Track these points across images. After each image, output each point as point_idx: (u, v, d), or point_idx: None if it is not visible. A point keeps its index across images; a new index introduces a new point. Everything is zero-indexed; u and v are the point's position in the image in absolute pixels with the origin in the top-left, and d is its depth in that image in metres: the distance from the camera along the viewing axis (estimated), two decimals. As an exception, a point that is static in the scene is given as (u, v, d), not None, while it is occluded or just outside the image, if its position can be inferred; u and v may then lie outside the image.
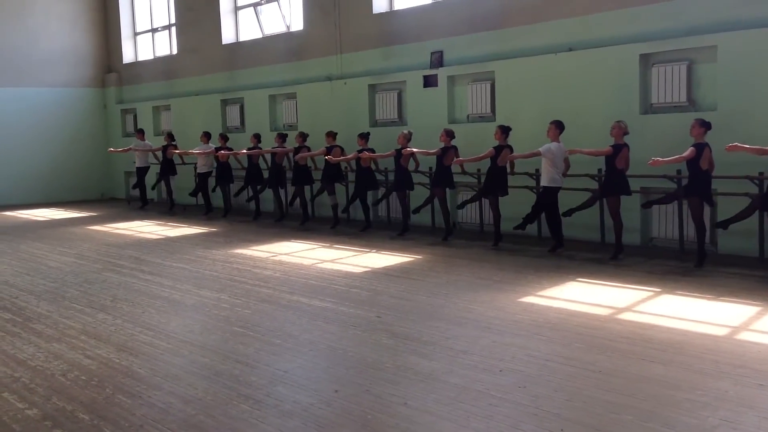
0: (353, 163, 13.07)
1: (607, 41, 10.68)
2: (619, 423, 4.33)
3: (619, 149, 9.41)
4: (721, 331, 6.15)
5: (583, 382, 5.02)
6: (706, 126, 8.72)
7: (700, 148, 8.63)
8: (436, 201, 11.75)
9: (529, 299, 7.52)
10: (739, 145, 8.14)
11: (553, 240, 10.22)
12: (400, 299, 7.68)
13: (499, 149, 10.51)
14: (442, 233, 11.71)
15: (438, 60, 13.01)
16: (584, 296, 7.57)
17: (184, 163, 17.65)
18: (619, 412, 4.47)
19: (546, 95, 11.32)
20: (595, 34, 10.84)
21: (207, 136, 16.11)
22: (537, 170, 10.69)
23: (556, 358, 5.59)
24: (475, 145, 11.47)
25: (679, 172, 9.43)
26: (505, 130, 10.55)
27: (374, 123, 14.22)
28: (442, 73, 12.88)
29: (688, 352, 5.61)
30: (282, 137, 14.35)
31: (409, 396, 4.86)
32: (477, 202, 11.51)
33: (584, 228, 10.48)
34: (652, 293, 7.62)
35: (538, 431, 4.25)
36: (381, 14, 14.16)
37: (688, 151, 8.62)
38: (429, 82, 13.08)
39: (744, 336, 6.03)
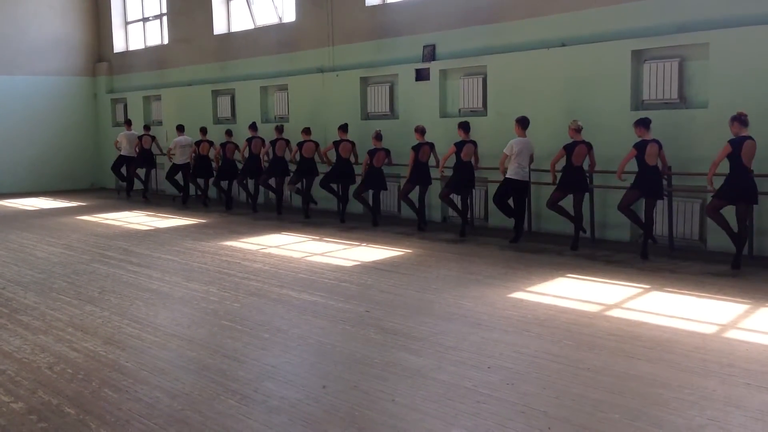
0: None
1: (599, 37, 10.67)
2: (606, 421, 4.32)
3: (572, 147, 9.80)
4: (709, 329, 6.16)
5: (571, 380, 5.01)
6: (645, 124, 9.10)
7: (643, 144, 9.03)
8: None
9: (519, 295, 7.51)
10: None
11: (515, 231, 10.55)
12: (390, 294, 7.66)
13: (460, 145, 10.99)
14: (429, 226, 11.79)
15: (430, 53, 12.96)
16: (573, 292, 7.58)
17: (162, 153, 17.87)
18: (607, 411, 4.47)
19: (538, 90, 11.31)
20: (588, 30, 10.83)
21: (180, 129, 16.47)
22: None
23: (544, 355, 5.58)
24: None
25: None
26: (463, 126, 11.05)
27: (366, 116, 14.17)
28: (434, 67, 12.85)
29: (676, 350, 5.61)
30: (279, 130, 14.30)
31: (397, 392, 4.84)
32: (468, 197, 11.52)
33: (569, 223, 10.45)
34: (641, 290, 7.62)
35: (526, 429, 4.24)
36: (374, 6, 14.10)
37: (630, 152, 9.15)
38: (421, 75, 13.05)
39: (732, 334, 6.04)
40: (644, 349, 5.64)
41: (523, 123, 10.44)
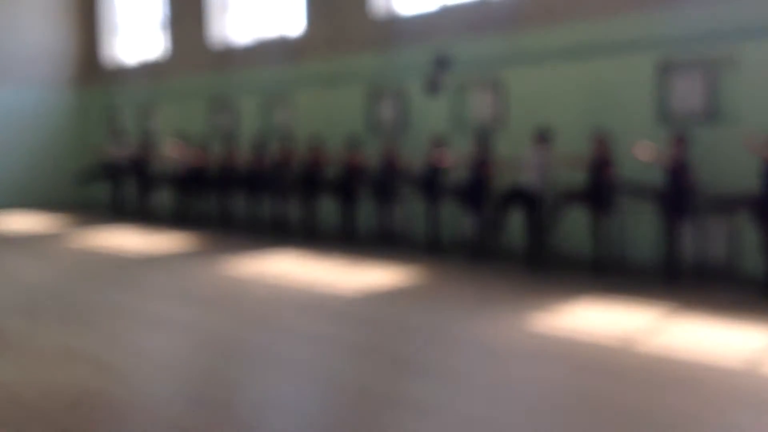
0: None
1: (623, 46, 10.72)
2: (630, 457, 4.34)
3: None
4: (740, 360, 6.15)
5: (592, 414, 5.02)
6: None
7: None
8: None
9: (536, 321, 7.51)
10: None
11: (531, 253, 10.52)
12: (397, 321, 7.68)
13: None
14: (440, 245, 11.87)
15: (442, 64, 13.05)
16: (595, 318, 7.57)
17: (154, 165, 18.11)
18: (631, 446, 4.48)
19: (555, 103, 11.37)
20: (610, 40, 10.89)
21: (178, 141, 16.94)
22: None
23: (563, 386, 5.59)
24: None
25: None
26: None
27: (374, 128, 14.25)
28: (445, 78, 12.93)
29: (706, 381, 5.61)
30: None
31: (407, 424, 4.86)
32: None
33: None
34: (667, 315, 7.61)
35: (544, 465, 4.26)
36: (382, 18, 14.21)
37: None
38: (431, 87, 13.13)
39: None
40: (671, 381, 5.64)
41: (543, 138, 10.55)
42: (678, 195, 9.18)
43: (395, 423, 4.90)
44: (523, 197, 10.49)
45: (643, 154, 9.61)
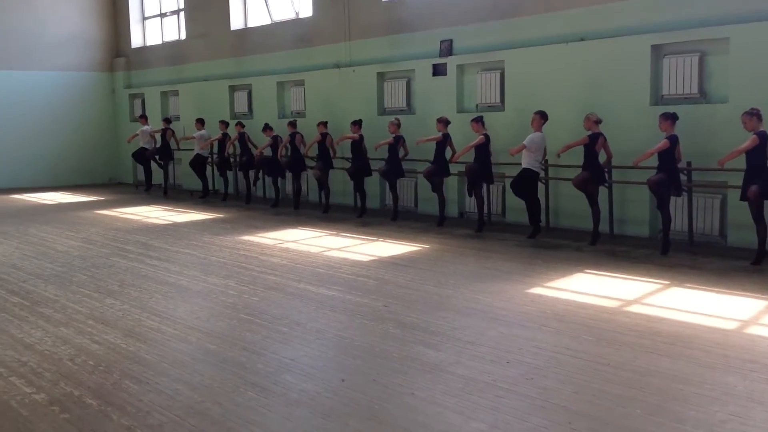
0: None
1: (618, 31, 10.59)
2: (627, 417, 4.31)
3: (595, 138, 9.77)
4: (730, 325, 6.12)
5: (591, 376, 4.99)
6: (673, 120, 9.09)
7: (676, 139, 9.10)
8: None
9: (537, 290, 7.48)
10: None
11: (532, 226, 10.45)
12: (408, 289, 7.66)
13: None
14: (447, 221, 11.86)
15: (447, 48, 12.93)
16: (592, 288, 7.54)
17: (179, 149, 17.99)
18: (628, 406, 4.45)
19: (556, 85, 11.25)
20: (607, 25, 10.75)
21: (201, 123, 16.77)
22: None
23: (563, 350, 5.56)
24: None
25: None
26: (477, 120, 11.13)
27: (382, 111, 14.16)
28: (451, 62, 12.81)
29: (696, 346, 5.57)
30: (293, 125, 14.34)
31: (416, 386, 4.84)
32: (486, 190, 11.55)
33: (587, 219, 10.39)
34: (661, 286, 7.58)
35: (546, 424, 4.23)
36: (390, 1, 14.07)
37: (663, 143, 9.09)
38: (438, 70, 13.02)
39: (754, 330, 5.99)
40: (665, 345, 5.61)
41: (544, 117, 10.34)
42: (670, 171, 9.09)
43: (406, 384, 4.88)
44: (530, 176, 10.33)
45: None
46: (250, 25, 17.81)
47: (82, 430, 4.28)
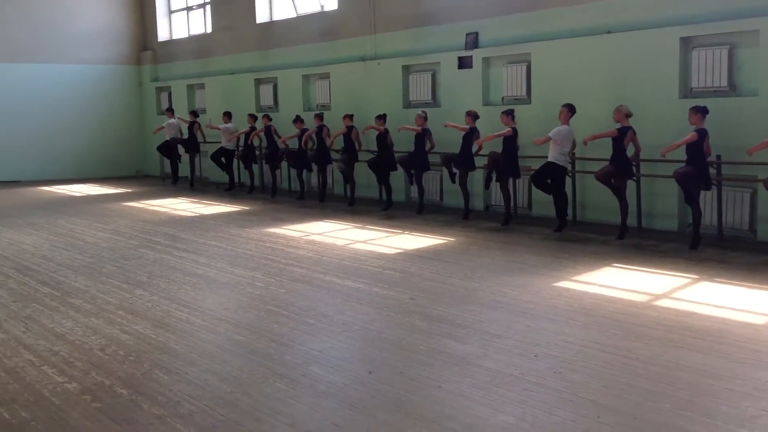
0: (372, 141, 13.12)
1: (646, 24, 10.47)
2: (656, 411, 4.27)
3: (625, 132, 9.63)
4: (761, 320, 6.04)
5: (619, 370, 4.96)
6: (703, 113, 9.00)
7: (705, 132, 8.97)
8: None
9: (564, 284, 7.44)
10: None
11: (558, 219, 10.32)
12: (434, 282, 7.65)
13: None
14: (472, 215, 11.81)
15: (473, 41, 12.87)
16: (620, 282, 7.48)
17: (206, 142, 17.99)
18: (657, 401, 4.41)
19: (583, 78, 11.15)
20: (635, 17, 10.64)
21: (228, 116, 16.74)
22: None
23: (591, 344, 5.53)
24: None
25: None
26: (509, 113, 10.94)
27: (408, 104, 14.14)
28: (477, 55, 12.75)
29: (727, 340, 5.51)
30: (320, 117, 14.36)
31: (443, 379, 4.84)
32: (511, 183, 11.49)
33: (615, 212, 10.31)
34: (689, 280, 7.50)
35: (574, 417, 4.21)
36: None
37: (691, 135, 8.97)
38: (463, 63, 12.96)
39: (784, 326, 5.92)
40: (694, 340, 5.55)
41: (572, 110, 10.21)
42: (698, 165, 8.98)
43: (433, 377, 4.88)
44: (555, 170, 10.24)
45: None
46: (276, 18, 17.84)
47: (114, 419, 4.33)
